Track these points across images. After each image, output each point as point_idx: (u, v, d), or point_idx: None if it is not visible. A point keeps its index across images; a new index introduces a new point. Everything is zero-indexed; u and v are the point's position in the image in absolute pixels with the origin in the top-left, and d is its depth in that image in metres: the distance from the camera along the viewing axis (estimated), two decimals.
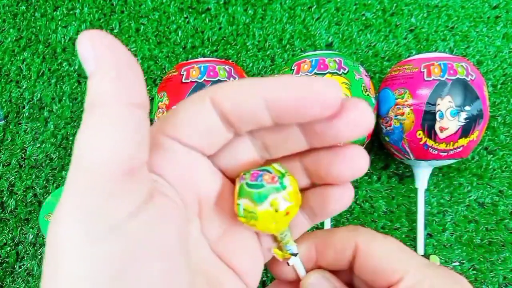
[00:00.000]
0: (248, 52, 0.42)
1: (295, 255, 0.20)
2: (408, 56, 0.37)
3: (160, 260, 0.14)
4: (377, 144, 0.39)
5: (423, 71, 0.32)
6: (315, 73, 0.32)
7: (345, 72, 0.32)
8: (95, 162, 0.13)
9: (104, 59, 0.13)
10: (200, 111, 0.16)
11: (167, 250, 0.14)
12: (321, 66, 0.32)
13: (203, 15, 0.43)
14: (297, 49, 0.42)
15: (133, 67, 0.14)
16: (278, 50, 0.42)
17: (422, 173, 0.35)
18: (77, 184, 0.13)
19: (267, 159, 0.19)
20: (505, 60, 0.41)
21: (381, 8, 0.42)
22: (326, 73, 0.31)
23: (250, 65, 0.42)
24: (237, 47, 0.42)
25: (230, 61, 0.41)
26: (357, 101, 0.16)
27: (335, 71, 0.32)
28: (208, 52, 0.42)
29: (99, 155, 0.13)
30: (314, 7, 0.42)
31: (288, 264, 0.20)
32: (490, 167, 0.38)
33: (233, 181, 0.19)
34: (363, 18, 0.42)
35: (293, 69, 0.33)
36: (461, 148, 0.32)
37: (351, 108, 0.15)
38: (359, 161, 0.17)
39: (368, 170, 0.39)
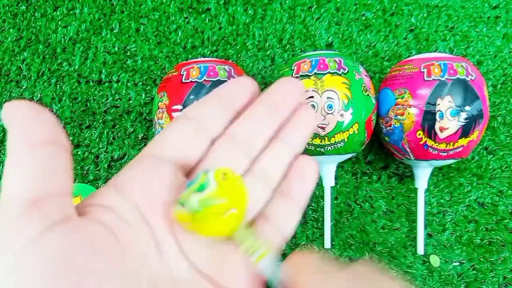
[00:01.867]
0: (248, 52, 0.42)
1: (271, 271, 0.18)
2: (408, 56, 0.37)
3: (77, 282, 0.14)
4: (377, 144, 0.39)
5: (423, 71, 0.32)
6: (315, 73, 0.32)
7: (345, 72, 0.32)
8: (2, 198, 0.15)
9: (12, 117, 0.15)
10: (174, 129, 0.20)
11: (83, 272, 0.14)
12: (321, 66, 0.32)
13: (203, 15, 0.43)
14: (297, 49, 0.42)
15: (36, 111, 0.16)
16: (278, 50, 0.42)
17: (422, 173, 0.35)
18: None
19: None
20: (505, 60, 0.41)
21: (381, 8, 0.42)
22: (326, 73, 0.31)
23: (250, 65, 0.42)
24: (237, 47, 0.42)
25: (230, 61, 0.41)
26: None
27: (335, 71, 0.32)
28: (208, 52, 0.42)
29: (3, 192, 0.15)
30: (314, 7, 0.42)
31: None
32: (490, 167, 0.38)
33: None
34: (363, 18, 0.42)
35: (293, 69, 0.33)
36: (461, 148, 0.32)
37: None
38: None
39: (368, 170, 0.39)
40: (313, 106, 0.31)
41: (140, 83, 0.41)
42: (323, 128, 0.31)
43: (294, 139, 0.23)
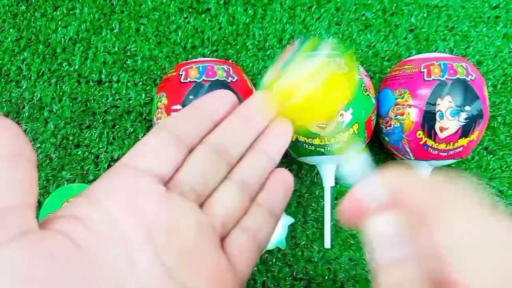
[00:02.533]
0: (248, 52, 0.42)
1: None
2: (408, 56, 0.37)
3: None
4: (377, 144, 0.39)
5: (423, 71, 0.32)
6: None
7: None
8: None
9: None
10: (151, 139, 0.21)
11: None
12: None
13: (203, 15, 0.43)
14: None
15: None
16: (278, 50, 0.42)
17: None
18: None
19: None
20: (505, 60, 0.41)
21: (381, 8, 0.42)
22: None
23: (250, 65, 0.42)
24: (237, 47, 0.42)
25: (230, 61, 0.41)
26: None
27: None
28: (208, 52, 0.42)
29: None
30: (314, 7, 0.42)
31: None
32: (490, 167, 0.38)
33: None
34: (363, 18, 0.42)
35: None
36: (461, 148, 0.32)
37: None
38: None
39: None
40: None
41: (140, 83, 0.41)
42: (323, 128, 0.31)
43: (272, 148, 0.23)
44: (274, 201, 0.23)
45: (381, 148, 0.39)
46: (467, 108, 0.31)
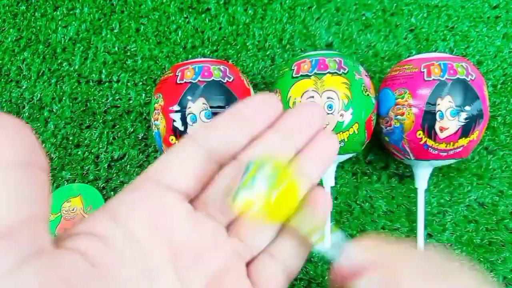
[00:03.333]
0: (248, 52, 0.42)
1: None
2: (408, 56, 0.37)
3: None
4: (377, 144, 0.39)
5: (423, 71, 0.32)
6: (315, 73, 0.32)
7: (345, 72, 0.32)
8: None
9: None
10: (180, 152, 0.19)
11: None
12: (321, 66, 0.32)
13: (203, 15, 0.43)
14: (297, 49, 0.42)
15: (8, 126, 0.14)
16: (278, 50, 0.42)
17: (422, 173, 0.35)
18: None
19: None
20: (505, 60, 0.41)
21: (381, 8, 0.42)
22: (326, 73, 0.31)
23: (250, 65, 0.42)
24: (237, 47, 0.42)
25: (230, 61, 0.41)
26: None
27: (335, 71, 0.32)
28: (208, 52, 0.42)
29: None
30: (314, 7, 0.42)
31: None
32: (490, 167, 0.38)
33: None
34: (363, 18, 0.42)
35: (293, 69, 0.33)
36: (461, 148, 0.32)
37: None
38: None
39: (368, 170, 0.39)
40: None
41: (140, 83, 0.41)
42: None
43: (312, 169, 0.21)
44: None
45: (381, 148, 0.39)
46: (467, 108, 0.31)
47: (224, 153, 0.20)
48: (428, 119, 0.31)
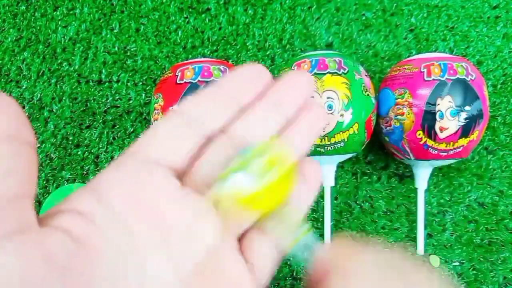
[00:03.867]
0: (248, 52, 0.42)
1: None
2: (408, 56, 0.37)
3: None
4: (377, 144, 0.39)
5: (423, 71, 0.32)
6: (315, 73, 0.32)
7: (345, 72, 0.32)
8: None
9: None
10: (165, 126, 0.18)
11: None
12: (321, 66, 0.32)
13: (203, 15, 0.43)
14: (297, 49, 0.42)
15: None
16: (278, 50, 0.42)
17: (422, 173, 0.35)
18: None
19: None
20: (505, 60, 0.41)
21: (381, 8, 0.42)
22: (326, 73, 0.31)
23: None
24: (237, 47, 0.42)
25: (230, 61, 0.41)
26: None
27: (335, 71, 0.32)
28: (208, 52, 0.42)
29: None
30: (314, 7, 0.42)
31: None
32: (490, 167, 0.38)
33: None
34: (363, 18, 0.42)
35: (293, 69, 0.33)
36: (461, 148, 0.32)
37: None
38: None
39: (368, 170, 0.39)
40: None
41: (140, 83, 0.41)
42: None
43: (299, 141, 0.20)
44: (300, 196, 0.20)
45: (381, 148, 0.39)
46: (467, 108, 0.31)
47: (212, 126, 0.19)
48: (428, 119, 0.31)
